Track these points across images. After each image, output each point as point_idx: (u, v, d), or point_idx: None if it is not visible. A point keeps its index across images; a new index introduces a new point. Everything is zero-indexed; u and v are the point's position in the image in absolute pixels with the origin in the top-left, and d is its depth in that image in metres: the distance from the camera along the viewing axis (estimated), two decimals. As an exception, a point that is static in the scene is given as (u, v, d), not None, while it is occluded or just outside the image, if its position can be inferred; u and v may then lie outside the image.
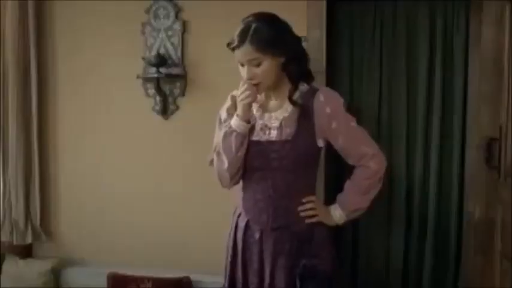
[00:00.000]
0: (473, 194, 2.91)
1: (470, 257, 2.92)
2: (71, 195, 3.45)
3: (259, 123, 2.02)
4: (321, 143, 2.00)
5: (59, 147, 3.45)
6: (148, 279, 3.10)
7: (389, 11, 3.24)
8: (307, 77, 2.04)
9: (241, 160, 2.00)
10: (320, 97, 1.96)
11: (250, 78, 1.93)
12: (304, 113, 1.95)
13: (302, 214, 1.99)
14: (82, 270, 3.32)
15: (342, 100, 2.01)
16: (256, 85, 1.94)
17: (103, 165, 3.39)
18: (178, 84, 3.21)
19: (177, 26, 3.19)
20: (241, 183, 2.11)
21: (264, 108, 2.05)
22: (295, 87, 1.98)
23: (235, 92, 2.11)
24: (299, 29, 2.99)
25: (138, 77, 3.18)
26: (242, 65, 1.96)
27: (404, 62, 3.21)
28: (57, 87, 3.42)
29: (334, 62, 3.19)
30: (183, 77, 3.19)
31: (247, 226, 2.06)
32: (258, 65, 1.91)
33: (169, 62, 3.17)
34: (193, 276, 3.12)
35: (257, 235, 2.03)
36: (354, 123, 2.02)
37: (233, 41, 1.95)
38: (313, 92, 1.98)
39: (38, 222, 3.40)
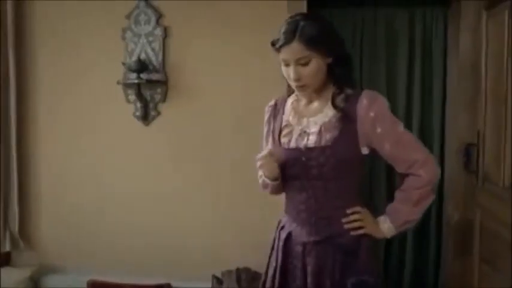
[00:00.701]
0: (452, 198, 2.95)
1: (450, 259, 2.95)
2: (50, 202, 3.40)
3: (297, 130, 1.90)
4: (365, 151, 1.86)
5: (39, 153, 3.40)
6: (129, 286, 3.07)
7: (369, 16, 3.28)
8: (351, 80, 1.90)
9: (281, 188, 1.98)
10: (363, 100, 1.81)
11: (296, 79, 1.80)
12: (347, 118, 1.82)
13: (346, 226, 1.85)
14: (61, 278, 3.28)
15: (387, 103, 1.86)
16: (302, 86, 1.83)
17: (83, 171, 3.35)
18: (159, 90, 3.20)
19: (158, 32, 3.18)
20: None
21: (301, 113, 1.93)
22: (340, 91, 1.86)
23: (272, 102, 2.06)
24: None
25: (118, 82, 3.16)
26: (287, 65, 1.83)
27: (384, 67, 3.25)
28: (37, 92, 3.37)
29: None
30: (164, 83, 3.18)
31: (287, 239, 1.95)
32: (306, 64, 1.78)
33: (150, 67, 3.15)
34: (175, 283, 3.09)
35: (299, 248, 1.90)
36: (401, 128, 1.86)
37: (278, 39, 1.80)
38: (356, 95, 1.83)
39: (16, 230, 3.35)
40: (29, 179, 3.41)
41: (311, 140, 1.85)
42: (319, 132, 1.85)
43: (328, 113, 1.86)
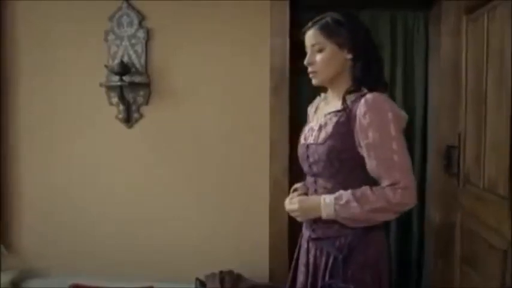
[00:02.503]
0: (434, 200, 2.98)
1: (431, 260, 2.98)
2: (31, 205, 3.36)
3: (309, 127, 1.95)
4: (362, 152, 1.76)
5: (20, 156, 3.36)
6: (112, 290, 3.06)
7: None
8: (374, 84, 1.81)
9: None
10: (362, 103, 1.71)
11: (309, 63, 1.85)
12: (346, 117, 1.76)
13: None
14: (43, 282, 3.24)
15: (390, 112, 1.70)
16: (313, 73, 1.85)
17: (66, 174, 3.31)
18: (141, 92, 3.18)
19: (141, 34, 3.16)
20: None
21: (319, 111, 1.98)
22: (353, 90, 1.80)
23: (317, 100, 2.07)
24: (262, 37, 3.05)
25: (101, 85, 3.14)
26: (307, 52, 1.89)
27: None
28: (19, 94, 3.33)
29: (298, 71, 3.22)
30: (146, 86, 3.17)
31: (302, 234, 1.99)
32: (320, 51, 1.82)
33: (133, 70, 3.14)
34: (158, 285, 3.09)
35: (305, 244, 1.93)
36: (394, 145, 1.70)
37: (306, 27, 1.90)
38: (363, 95, 1.75)
39: (-3, 234, 3.32)
40: (9, 181, 3.37)
41: (313, 137, 1.87)
42: (319, 129, 1.85)
43: (333, 110, 1.85)
